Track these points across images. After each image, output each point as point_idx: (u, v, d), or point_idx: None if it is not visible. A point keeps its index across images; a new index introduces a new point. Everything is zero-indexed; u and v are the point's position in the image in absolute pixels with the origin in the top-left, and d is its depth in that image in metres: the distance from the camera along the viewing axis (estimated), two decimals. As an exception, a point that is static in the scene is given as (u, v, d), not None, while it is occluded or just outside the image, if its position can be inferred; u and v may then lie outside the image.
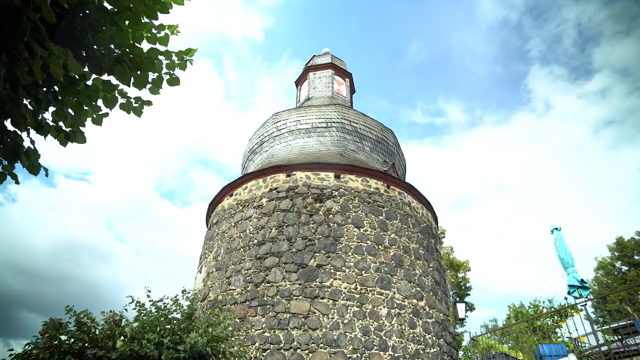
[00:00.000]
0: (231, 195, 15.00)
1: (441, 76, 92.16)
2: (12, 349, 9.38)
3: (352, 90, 22.87)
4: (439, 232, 17.01)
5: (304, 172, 13.81)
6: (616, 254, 31.23)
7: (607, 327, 12.46)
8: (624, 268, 30.48)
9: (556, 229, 11.34)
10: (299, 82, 22.93)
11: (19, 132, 3.43)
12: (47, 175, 3.71)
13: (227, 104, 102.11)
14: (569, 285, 10.65)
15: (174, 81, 3.91)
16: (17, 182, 3.73)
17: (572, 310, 11.74)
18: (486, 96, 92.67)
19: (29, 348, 7.49)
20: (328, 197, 13.16)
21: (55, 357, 6.86)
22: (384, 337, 11.16)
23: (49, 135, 3.71)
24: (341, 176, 13.78)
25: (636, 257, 29.90)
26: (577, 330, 11.53)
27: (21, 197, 77.77)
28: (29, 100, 3.42)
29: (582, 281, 10.54)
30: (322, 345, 10.68)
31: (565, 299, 9.76)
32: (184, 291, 9.13)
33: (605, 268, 31.96)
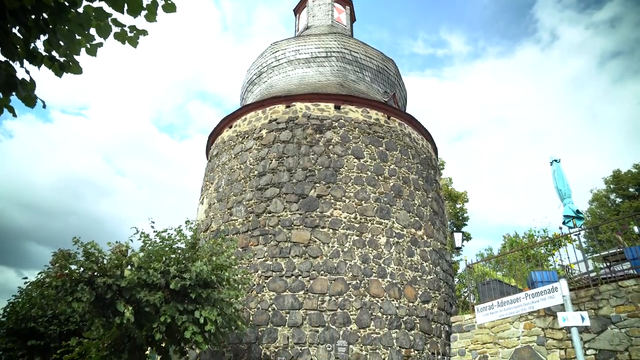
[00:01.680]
0: (230, 127, 14.90)
1: (444, 5, 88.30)
2: (26, 277, 9.74)
3: (352, 19, 22.04)
4: (438, 163, 17.08)
5: (304, 103, 13.62)
6: (612, 186, 31.47)
7: (598, 255, 12.83)
8: (618, 200, 30.83)
9: (555, 160, 11.39)
10: (297, 10, 22.04)
11: (11, 62, 3.32)
12: (44, 106, 3.63)
13: (223, 35, 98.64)
14: (564, 216, 10.85)
15: (169, 7, 3.73)
16: (14, 115, 3.66)
17: (566, 240, 12.03)
18: (490, 27, 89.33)
19: (42, 277, 7.76)
20: (328, 128, 13.08)
21: (67, 285, 7.12)
22: (382, 265, 11.52)
23: (43, 66, 3.60)
24: (341, 107, 13.61)
25: (631, 190, 30.18)
26: (568, 258, 11.90)
27: (18, 133, 77.17)
28: (17, 28, 3.28)
29: (578, 212, 10.74)
30: (322, 272, 11.05)
31: (560, 228, 9.98)
32: (187, 222, 9.30)
33: (600, 200, 32.34)
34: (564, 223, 10.92)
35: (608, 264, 10.41)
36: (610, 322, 7.72)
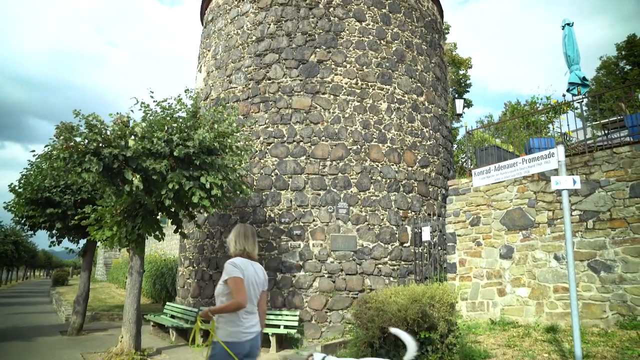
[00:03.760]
0: (225, -13, 13.93)
1: None
2: (33, 150, 9.91)
3: None
4: (443, 27, 16.32)
5: (303, -41, 12.56)
6: (623, 52, 30.27)
7: (597, 122, 12.87)
8: (627, 67, 29.87)
9: (568, 24, 10.85)
10: None
11: None
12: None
13: None
14: (569, 83, 10.65)
15: None
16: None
17: (567, 108, 11.97)
18: None
19: (49, 149, 7.90)
20: (329, -13, 12.23)
21: (75, 156, 7.28)
22: (383, 130, 11.65)
23: None
24: (343, -37, 12.57)
25: (642, 57, 29.12)
26: (568, 126, 11.97)
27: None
28: None
29: (584, 79, 10.51)
30: (323, 138, 11.21)
31: (564, 96, 9.86)
32: (186, 90, 9.19)
33: (608, 68, 31.34)
34: (568, 90, 10.76)
35: (606, 131, 10.50)
36: (599, 186, 8.04)
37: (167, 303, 13.25)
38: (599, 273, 7.83)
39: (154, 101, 8.71)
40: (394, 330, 4.84)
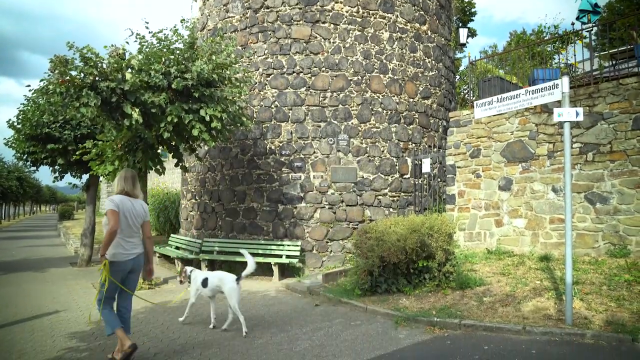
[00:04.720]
0: None
1: None
2: (29, 85, 9.73)
3: None
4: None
5: None
6: (643, -26, 28.71)
7: (605, 52, 12.52)
8: (645, -8, 28.50)
9: (583, -57, 10.26)
10: None
11: None
12: None
13: None
14: (579, 10, 10.23)
15: None
16: None
17: (575, 37, 11.60)
18: None
19: (44, 84, 7.72)
20: None
21: (71, 91, 7.15)
22: (384, 61, 11.39)
23: None
24: None
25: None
26: (574, 56, 11.64)
27: None
28: None
29: (595, 5, 10.10)
30: (324, 69, 10.99)
31: (572, 24, 9.51)
32: (182, 21, 8.90)
33: (623, -8, 29.94)
34: (577, 18, 10.37)
35: (614, 62, 10.24)
36: (602, 118, 7.98)
37: (172, 235, 13.59)
38: (594, 204, 7.97)
39: (149, 32, 8.45)
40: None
